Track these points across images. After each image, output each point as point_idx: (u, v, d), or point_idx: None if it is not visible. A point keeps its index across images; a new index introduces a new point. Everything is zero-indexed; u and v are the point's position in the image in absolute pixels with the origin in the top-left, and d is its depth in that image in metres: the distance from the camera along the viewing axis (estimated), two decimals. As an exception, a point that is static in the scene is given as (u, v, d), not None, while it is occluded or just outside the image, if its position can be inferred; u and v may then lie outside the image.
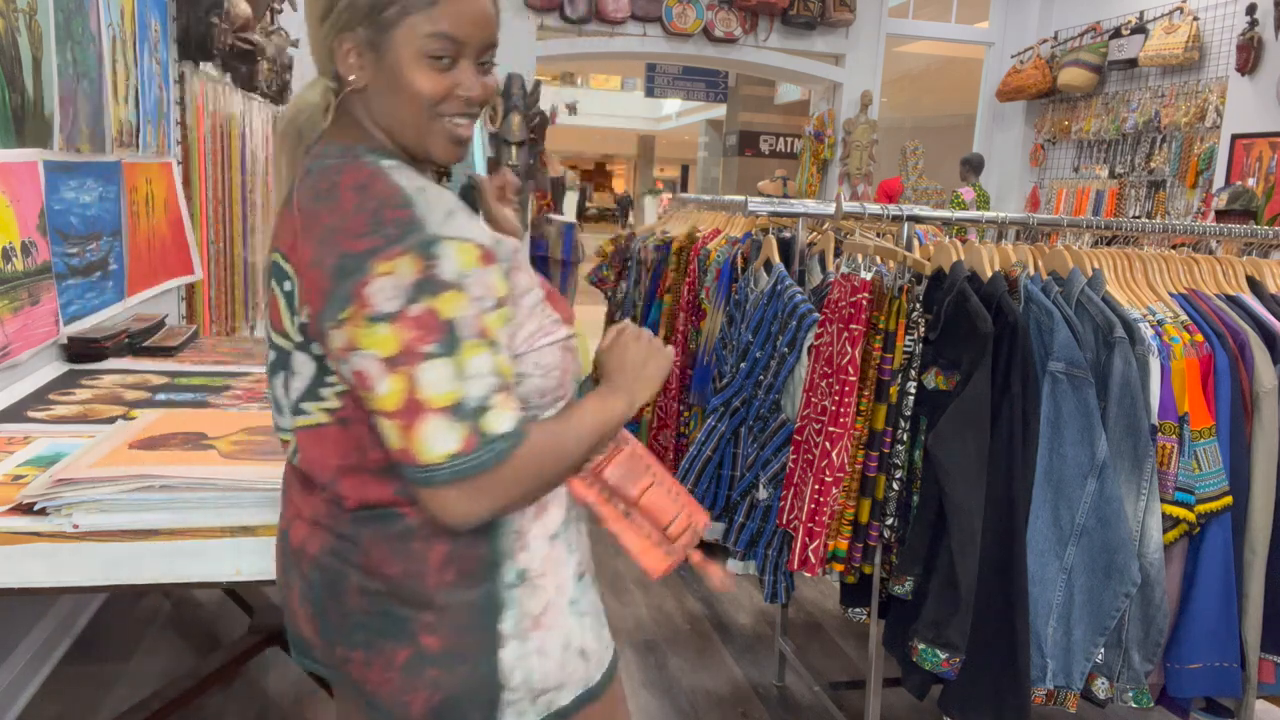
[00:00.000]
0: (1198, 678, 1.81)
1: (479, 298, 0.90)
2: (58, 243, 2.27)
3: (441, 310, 0.88)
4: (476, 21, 0.96)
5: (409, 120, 0.98)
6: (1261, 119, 5.45)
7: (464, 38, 0.96)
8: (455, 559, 0.98)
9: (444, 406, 0.88)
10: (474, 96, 0.99)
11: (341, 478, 1.00)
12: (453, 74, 0.97)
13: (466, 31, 0.96)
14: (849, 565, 1.93)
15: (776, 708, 2.49)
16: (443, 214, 0.92)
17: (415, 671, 0.98)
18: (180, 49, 3.34)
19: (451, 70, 0.97)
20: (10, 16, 2.00)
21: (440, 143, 1.00)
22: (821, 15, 7.15)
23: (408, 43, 0.95)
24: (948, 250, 1.90)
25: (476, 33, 0.97)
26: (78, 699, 2.33)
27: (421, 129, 0.99)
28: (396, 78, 0.96)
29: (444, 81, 0.97)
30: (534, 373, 0.99)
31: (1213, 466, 1.79)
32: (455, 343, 0.88)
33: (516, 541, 1.00)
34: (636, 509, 1.05)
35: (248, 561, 1.29)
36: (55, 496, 1.27)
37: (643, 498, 1.05)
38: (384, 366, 0.88)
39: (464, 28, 0.96)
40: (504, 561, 0.99)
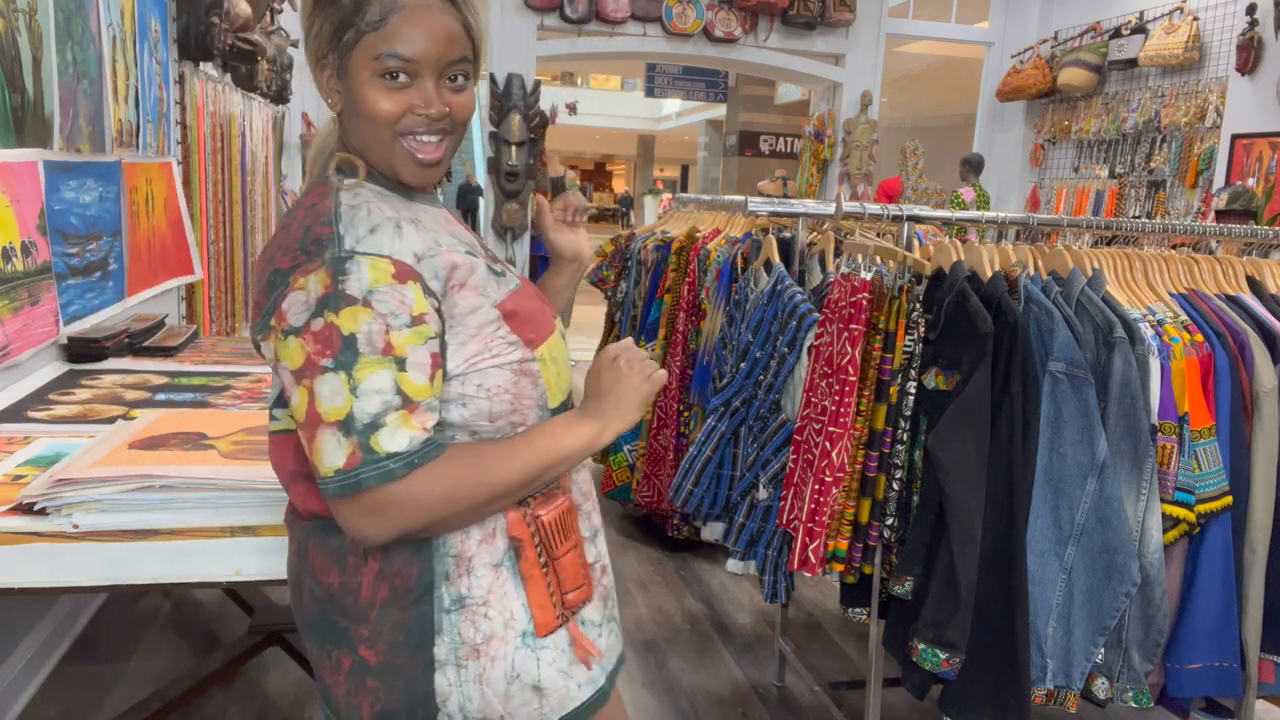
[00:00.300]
0: (1198, 678, 1.81)
1: (387, 314, 0.89)
2: (58, 243, 2.27)
3: (342, 325, 0.87)
4: (432, 38, 0.95)
5: (372, 142, 0.98)
6: (1261, 119, 5.45)
7: (416, 55, 0.95)
8: (388, 576, 0.97)
9: (334, 421, 0.88)
10: (433, 113, 0.97)
11: (293, 484, 1.02)
12: (409, 93, 0.96)
13: (420, 49, 0.95)
14: (849, 565, 1.93)
15: (776, 708, 2.49)
16: (366, 230, 0.92)
17: (358, 680, 0.99)
18: (180, 49, 3.34)
19: (409, 89, 0.96)
20: (10, 16, 2.00)
21: (404, 164, 0.99)
22: (821, 15, 7.15)
23: (363, 65, 0.95)
24: (948, 250, 1.90)
25: (433, 49, 0.95)
26: (78, 699, 2.33)
27: (385, 150, 0.98)
28: (357, 100, 0.96)
29: (400, 101, 0.96)
30: (477, 395, 0.96)
31: (1213, 466, 1.79)
32: (352, 358, 0.88)
33: (455, 565, 0.98)
34: (554, 564, 1.02)
35: (248, 561, 1.29)
36: (55, 496, 1.27)
37: (564, 556, 1.03)
38: (293, 379, 0.90)
39: (416, 45, 0.95)
40: (440, 584, 0.98)
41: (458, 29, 0.97)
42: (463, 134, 1.03)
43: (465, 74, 1.00)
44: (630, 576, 3.23)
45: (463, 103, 1.00)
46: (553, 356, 1.03)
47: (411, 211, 1.00)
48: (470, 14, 0.99)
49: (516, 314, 1.00)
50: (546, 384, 1.02)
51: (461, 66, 0.99)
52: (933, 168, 7.80)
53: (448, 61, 0.97)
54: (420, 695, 0.98)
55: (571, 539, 1.04)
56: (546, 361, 1.02)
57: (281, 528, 1.30)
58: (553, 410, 1.03)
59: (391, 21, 0.94)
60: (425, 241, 0.95)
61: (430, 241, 0.96)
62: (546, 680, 1.01)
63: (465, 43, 0.98)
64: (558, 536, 1.02)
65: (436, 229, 1.00)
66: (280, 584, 1.41)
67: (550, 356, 1.02)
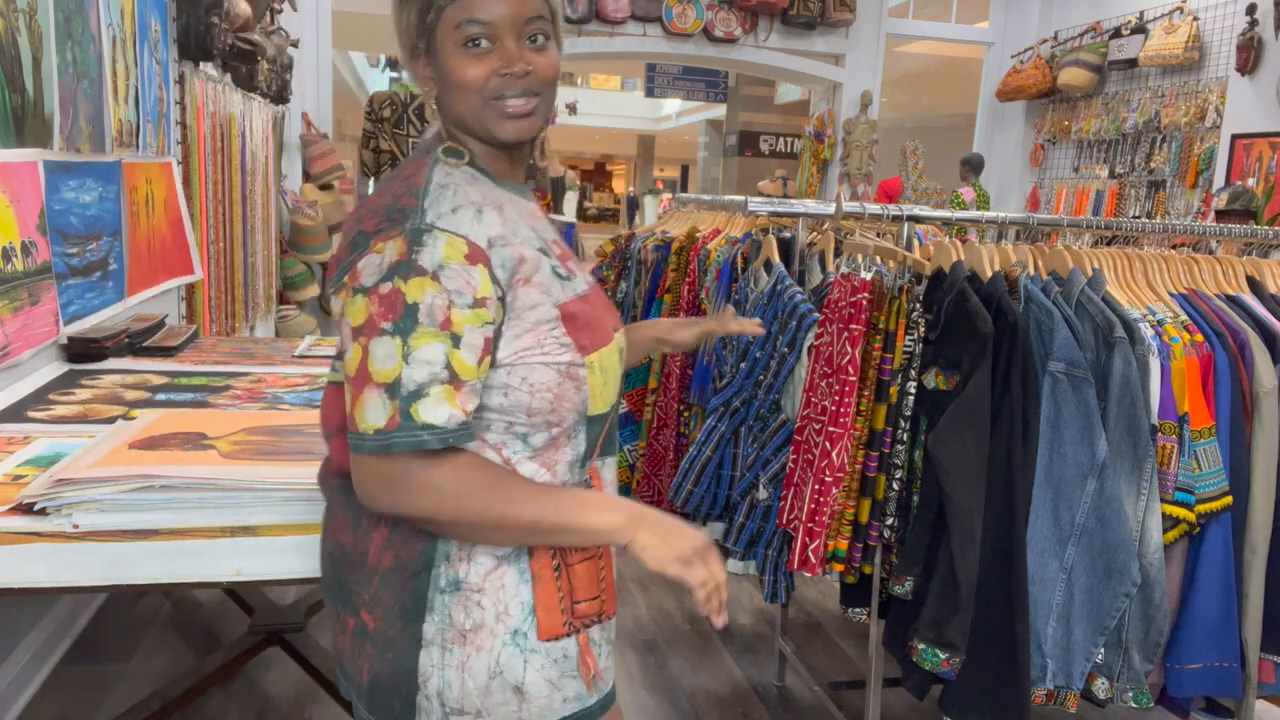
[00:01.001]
0: (1198, 678, 1.81)
1: (452, 290, 0.91)
2: (58, 243, 2.27)
3: (408, 293, 0.90)
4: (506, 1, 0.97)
5: (466, 111, 1.01)
6: (1261, 119, 5.45)
7: (493, 18, 0.98)
8: (394, 545, 0.99)
9: (382, 383, 0.90)
10: (515, 70, 0.99)
11: (335, 438, 1.05)
12: (492, 57, 0.99)
13: (495, 12, 0.98)
14: (849, 565, 1.93)
15: (776, 708, 2.49)
16: (448, 208, 0.95)
17: (359, 642, 1.01)
18: (180, 49, 3.34)
19: (491, 53, 0.99)
20: (10, 16, 2.00)
21: (497, 123, 1.01)
22: (821, 15, 7.14)
23: (447, 39, 0.99)
24: (948, 250, 1.90)
25: (508, 10, 0.98)
26: (78, 699, 2.33)
27: (479, 115, 1.01)
28: (447, 74, 1.00)
29: (485, 65, 0.99)
30: (520, 387, 0.97)
31: (1213, 466, 1.79)
32: (410, 326, 0.90)
33: (458, 549, 0.99)
34: (567, 569, 1.02)
35: (248, 561, 1.29)
36: (55, 496, 1.27)
37: (579, 564, 1.02)
38: (351, 334, 0.93)
39: (492, 9, 0.97)
40: (440, 563, 0.98)
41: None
42: (553, 97, 1.04)
43: (544, 33, 1.01)
44: (630, 576, 3.23)
45: (546, 61, 1.01)
46: (603, 366, 1.02)
47: (498, 198, 1.01)
48: None
49: (575, 317, 1.01)
50: (590, 391, 1.01)
51: (539, 25, 1.01)
52: (933, 168, 7.80)
53: (524, 20, 0.99)
54: (405, 670, 0.99)
55: (590, 549, 1.03)
56: (595, 369, 1.01)
57: (281, 528, 1.30)
58: (590, 418, 1.03)
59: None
60: (502, 230, 0.97)
61: (507, 230, 0.98)
62: (530, 685, 1.00)
63: (540, 3, 1.01)
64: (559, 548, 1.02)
65: (518, 219, 1.01)
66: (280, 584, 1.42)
67: (600, 365, 1.02)
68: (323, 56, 6.33)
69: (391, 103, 6.43)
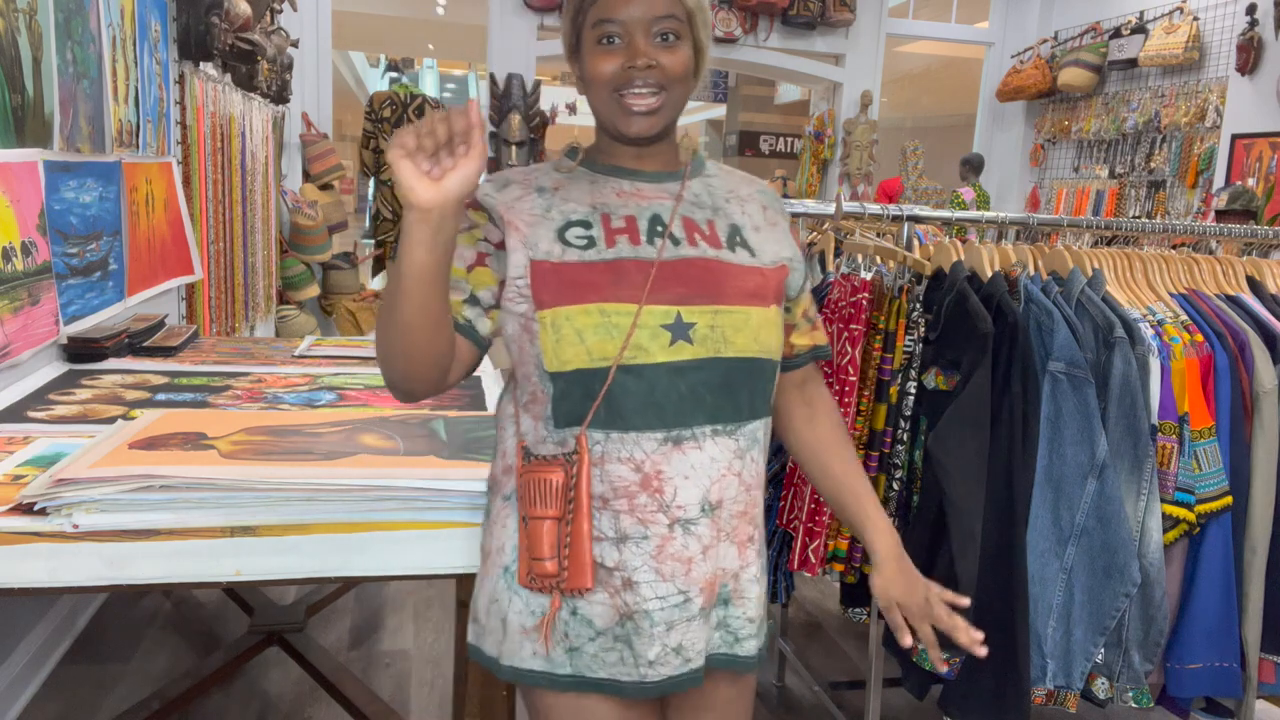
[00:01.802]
0: (1198, 678, 1.81)
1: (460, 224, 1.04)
2: (58, 243, 2.27)
3: None
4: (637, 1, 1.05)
5: (599, 106, 1.09)
6: (1261, 119, 5.45)
7: (624, 17, 1.05)
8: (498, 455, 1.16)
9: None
10: (639, 64, 1.04)
11: None
12: (622, 52, 1.06)
13: (626, 11, 1.05)
14: (849, 565, 1.93)
15: (776, 708, 2.49)
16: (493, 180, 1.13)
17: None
18: (180, 49, 3.34)
19: (622, 50, 1.06)
20: (10, 16, 2.00)
21: (620, 115, 1.07)
22: (821, 15, 7.14)
23: (588, 38, 1.08)
24: (948, 250, 1.90)
25: (638, 10, 1.05)
26: (78, 699, 2.33)
27: (607, 108, 1.08)
28: (585, 70, 1.09)
29: (614, 59, 1.06)
30: (507, 336, 1.11)
31: (1213, 466, 1.79)
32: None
33: (499, 477, 1.14)
34: (523, 523, 1.06)
35: (248, 561, 1.29)
36: (55, 496, 1.27)
37: (534, 521, 1.04)
38: None
39: (619, 8, 1.05)
40: (495, 488, 1.15)
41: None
42: (682, 93, 1.09)
43: (675, 32, 1.07)
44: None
45: (674, 59, 1.06)
46: (556, 324, 1.03)
47: (558, 180, 1.12)
48: None
49: (549, 275, 1.04)
50: (542, 346, 1.03)
51: (669, 24, 1.06)
52: (933, 168, 7.80)
53: (654, 18, 1.05)
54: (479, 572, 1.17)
55: (549, 509, 1.03)
56: (547, 325, 1.03)
57: (281, 528, 1.30)
58: (552, 375, 1.04)
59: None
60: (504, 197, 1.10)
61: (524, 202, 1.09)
62: (511, 623, 1.08)
63: (675, 4, 1.06)
64: (528, 498, 1.05)
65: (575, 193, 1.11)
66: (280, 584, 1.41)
67: (554, 322, 1.03)
68: (323, 56, 6.33)
69: (391, 103, 6.43)
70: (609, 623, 1.06)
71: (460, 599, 1.42)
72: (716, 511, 1.06)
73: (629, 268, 1.05)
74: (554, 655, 1.07)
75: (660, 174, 1.14)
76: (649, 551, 1.04)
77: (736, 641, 1.13)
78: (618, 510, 1.04)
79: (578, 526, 1.03)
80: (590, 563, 1.03)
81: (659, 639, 1.05)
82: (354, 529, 1.31)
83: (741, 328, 1.06)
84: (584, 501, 1.03)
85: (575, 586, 1.03)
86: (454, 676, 1.49)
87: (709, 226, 1.11)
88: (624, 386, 1.02)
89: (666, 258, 1.06)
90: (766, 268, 1.12)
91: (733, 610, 1.12)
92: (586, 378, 1.02)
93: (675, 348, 1.03)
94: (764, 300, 1.09)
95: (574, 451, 1.03)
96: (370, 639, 2.73)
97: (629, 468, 1.03)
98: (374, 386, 2.17)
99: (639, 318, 1.02)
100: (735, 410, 1.06)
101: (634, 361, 1.02)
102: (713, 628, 1.11)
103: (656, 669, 1.06)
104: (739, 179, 1.21)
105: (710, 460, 1.05)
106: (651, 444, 1.03)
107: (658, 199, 1.12)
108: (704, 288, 1.06)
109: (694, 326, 1.04)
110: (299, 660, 2.35)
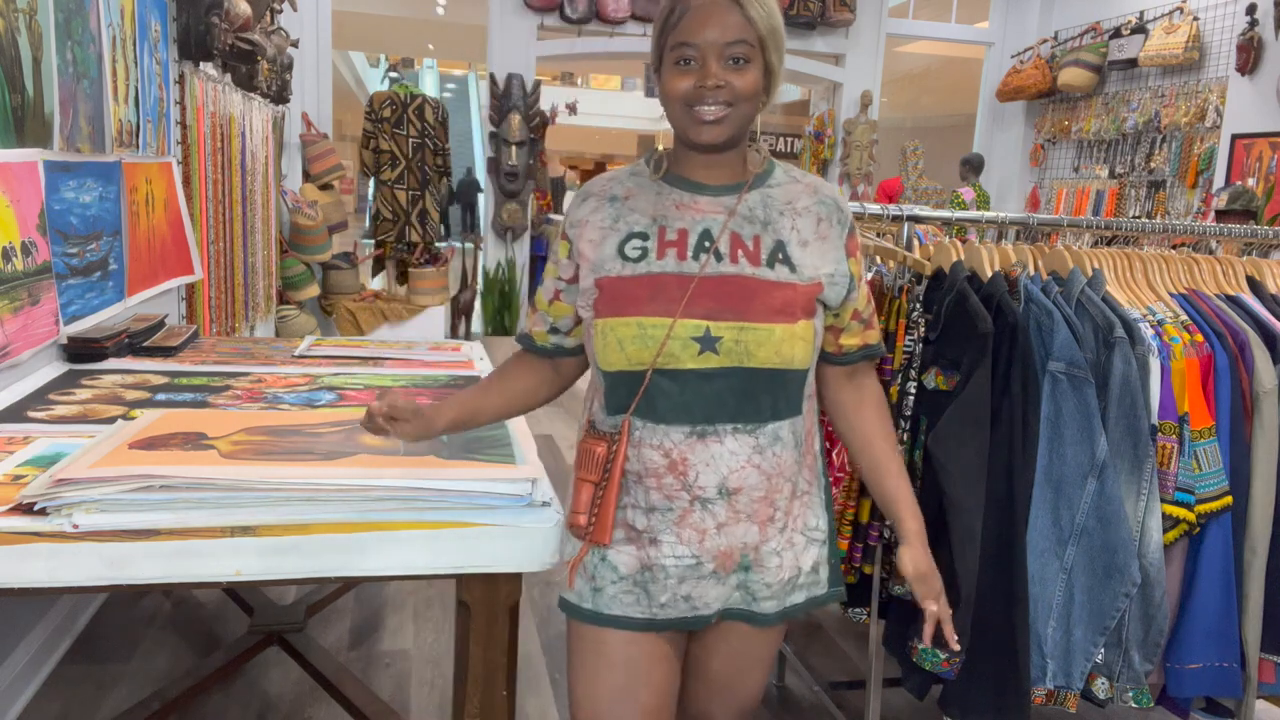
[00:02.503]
0: (1198, 678, 1.81)
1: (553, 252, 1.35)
2: (58, 243, 2.27)
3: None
4: (711, 27, 1.18)
5: (673, 117, 1.23)
6: (1261, 119, 5.45)
7: (698, 41, 1.18)
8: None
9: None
10: (709, 84, 1.18)
11: None
12: (696, 73, 1.19)
13: (701, 36, 1.18)
14: (849, 565, 1.93)
15: (776, 708, 2.49)
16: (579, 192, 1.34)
17: None
18: (180, 49, 3.34)
19: (696, 71, 1.19)
20: (10, 16, 2.00)
21: (689, 126, 1.21)
22: (821, 15, 7.14)
23: (668, 58, 1.22)
24: (948, 250, 1.90)
25: (711, 34, 1.18)
26: (78, 699, 2.33)
27: (679, 120, 1.22)
28: (664, 86, 1.23)
29: (688, 78, 1.19)
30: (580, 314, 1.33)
31: (1213, 466, 1.79)
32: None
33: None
34: (572, 481, 1.27)
35: (248, 561, 1.29)
36: (55, 496, 1.27)
37: (578, 481, 1.25)
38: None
39: (698, 34, 1.18)
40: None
41: (738, 19, 1.18)
42: (750, 109, 1.22)
43: (745, 56, 1.19)
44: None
45: (743, 80, 1.19)
46: (604, 332, 1.22)
47: (630, 188, 1.29)
48: (751, 6, 1.19)
49: (607, 289, 1.24)
50: (596, 348, 1.24)
51: (739, 49, 1.19)
52: (933, 168, 7.80)
53: (725, 43, 1.18)
54: None
55: (590, 475, 1.24)
56: (599, 332, 1.23)
57: (281, 528, 1.30)
58: (604, 373, 1.24)
59: (684, 19, 1.19)
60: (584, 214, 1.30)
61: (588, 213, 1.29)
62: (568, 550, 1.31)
63: (747, 30, 1.18)
64: (578, 462, 1.26)
65: (641, 203, 1.27)
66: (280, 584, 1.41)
67: (603, 331, 1.22)
68: (323, 56, 6.33)
69: (391, 103, 6.42)
70: (631, 570, 1.25)
71: (460, 599, 1.42)
72: (734, 496, 1.23)
73: (669, 283, 1.21)
74: (581, 592, 1.28)
75: (722, 187, 1.27)
76: (672, 520, 1.23)
77: (755, 601, 1.29)
78: (649, 486, 1.23)
79: (609, 493, 1.23)
80: (612, 524, 1.23)
81: (670, 588, 1.25)
82: (354, 529, 1.31)
83: (764, 342, 1.19)
84: (617, 475, 1.22)
85: (597, 540, 1.24)
86: (454, 676, 1.49)
87: (754, 242, 1.24)
88: (659, 387, 1.20)
89: (708, 274, 1.22)
90: (801, 284, 1.23)
91: (753, 576, 1.28)
92: (628, 378, 1.22)
93: (703, 357, 1.19)
94: (790, 317, 1.21)
95: (618, 433, 1.23)
96: (370, 639, 2.73)
97: (659, 453, 1.22)
98: (374, 386, 2.17)
99: (673, 330, 1.19)
100: (756, 412, 1.22)
101: (667, 367, 1.20)
102: (733, 589, 1.28)
103: (666, 610, 1.26)
104: (802, 189, 1.30)
105: (730, 453, 1.21)
106: (679, 435, 1.21)
107: (712, 213, 1.25)
108: (734, 304, 1.20)
109: (720, 340, 1.19)
110: (299, 660, 2.35)
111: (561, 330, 1.35)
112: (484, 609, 1.42)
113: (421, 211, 6.53)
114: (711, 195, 1.26)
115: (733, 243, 1.23)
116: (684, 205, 1.26)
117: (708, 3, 1.19)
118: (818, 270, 1.25)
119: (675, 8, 1.21)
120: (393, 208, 6.47)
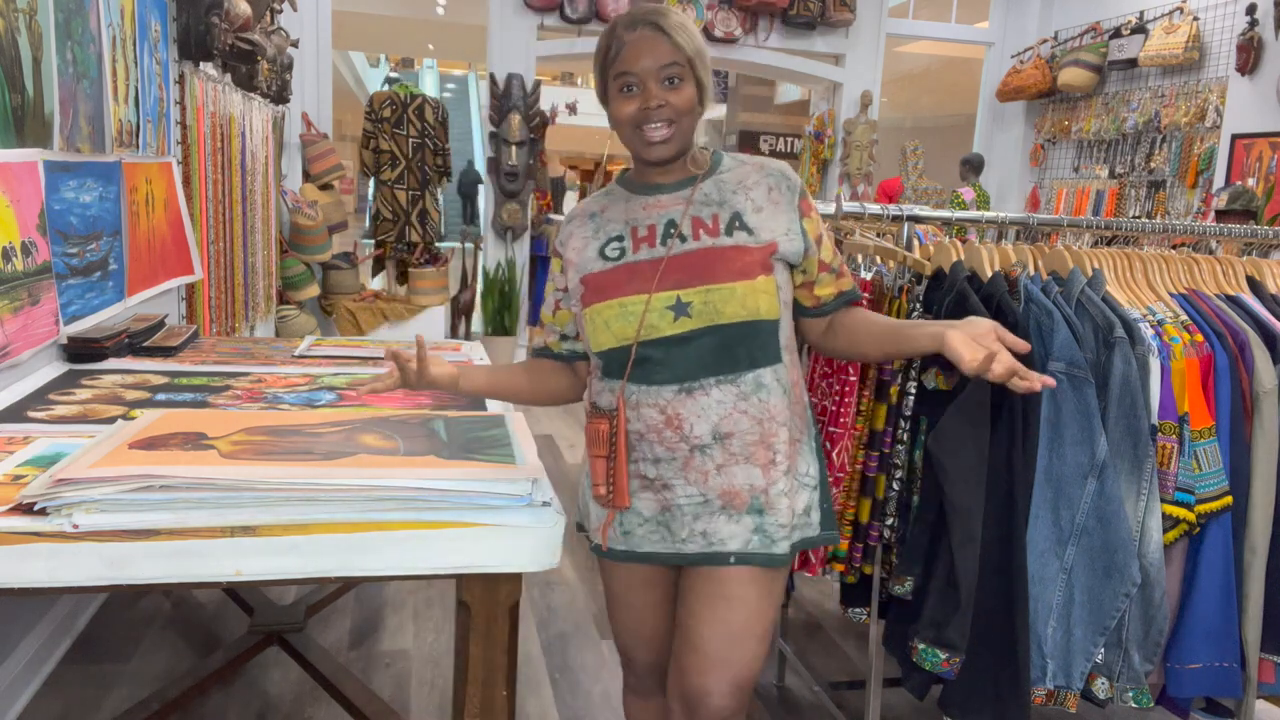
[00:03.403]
0: (1198, 678, 1.81)
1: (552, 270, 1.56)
2: (58, 243, 2.27)
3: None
4: (645, 55, 1.36)
5: (625, 140, 1.42)
6: (1261, 119, 5.45)
7: (636, 69, 1.37)
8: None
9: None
10: (651, 105, 1.36)
11: None
12: (638, 97, 1.37)
13: (637, 64, 1.36)
14: (849, 565, 1.93)
15: (776, 708, 2.49)
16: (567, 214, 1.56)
17: None
18: (180, 49, 3.34)
19: (638, 95, 1.37)
20: (10, 16, 2.00)
21: (640, 145, 1.40)
22: (821, 15, 7.14)
23: (612, 87, 1.40)
24: (948, 250, 1.90)
25: (646, 62, 1.36)
26: (78, 699, 2.33)
27: (632, 142, 1.41)
28: (612, 113, 1.41)
29: (632, 103, 1.38)
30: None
31: (1213, 466, 1.79)
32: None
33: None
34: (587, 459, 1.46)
35: (248, 561, 1.29)
36: (55, 496, 1.27)
37: (593, 458, 1.44)
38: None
39: (634, 62, 1.37)
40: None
41: (667, 46, 1.36)
42: (691, 122, 1.40)
43: (679, 76, 1.37)
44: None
45: (679, 97, 1.37)
46: (591, 317, 1.42)
47: (605, 202, 1.49)
48: (677, 34, 1.36)
49: (590, 283, 1.43)
50: (588, 332, 1.44)
51: (673, 70, 1.37)
52: (933, 168, 7.79)
53: (660, 67, 1.36)
54: None
55: (600, 450, 1.42)
56: (588, 318, 1.43)
57: (281, 528, 1.30)
58: (597, 355, 1.44)
59: (622, 52, 1.37)
60: (571, 229, 1.50)
61: (575, 227, 1.50)
62: (593, 517, 1.51)
63: (677, 54, 1.37)
64: (588, 441, 1.45)
65: (615, 213, 1.47)
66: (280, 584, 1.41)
67: (591, 316, 1.42)
68: (323, 56, 6.33)
69: (391, 103, 6.43)
70: (654, 512, 1.44)
71: (460, 599, 1.42)
72: (727, 440, 1.38)
73: (644, 267, 1.40)
74: (614, 537, 1.48)
75: (678, 183, 1.45)
76: (678, 467, 1.40)
77: (772, 543, 1.42)
78: (652, 441, 1.40)
79: (619, 463, 1.42)
80: (627, 488, 1.42)
81: (688, 525, 1.42)
82: (354, 529, 1.31)
83: (729, 299, 1.36)
84: (622, 446, 1.41)
85: (619, 505, 1.44)
86: (454, 676, 1.49)
87: (713, 220, 1.41)
88: (646, 355, 1.39)
89: (675, 253, 1.40)
90: (756, 246, 1.39)
91: (767, 518, 1.41)
92: (618, 353, 1.41)
93: (679, 322, 1.37)
94: (750, 275, 1.37)
95: (614, 410, 1.41)
96: (370, 639, 2.73)
97: (655, 411, 1.39)
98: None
99: (649, 304, 1.38)
100: (734, 363, 1.38)
101: (649, 337, 1.38)
102: (750, 531, 1.41)
103: (687, 545, 1.43)
104: (751, 168, 1.47)
105: (717, 403, 1.38)
106: (670, 394, 1.39)
107: (674, 205, 1.44)
108: (699, 272, 1.38)
109: (691, 304, 1.37)
110: (299, 660, 2.35)
111: (570, 336, 1.54)
112: (484, 609, 1.41)
113: (421, 211, 6.53)
114: (670, 192, 1.45)
115: (694, 224, 1.41)
116: (650, 205, 1.45)
117: (639, 36, 1.36)
118: (773, 232, 1.41)
119: (612, 44, 1.39)
120: (393, 208, 6.47)
